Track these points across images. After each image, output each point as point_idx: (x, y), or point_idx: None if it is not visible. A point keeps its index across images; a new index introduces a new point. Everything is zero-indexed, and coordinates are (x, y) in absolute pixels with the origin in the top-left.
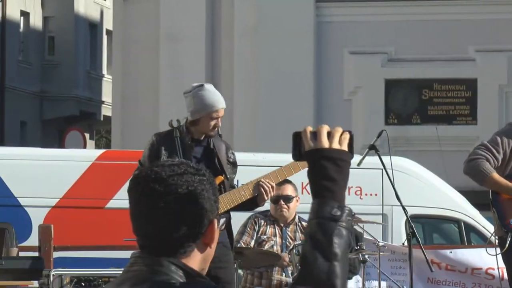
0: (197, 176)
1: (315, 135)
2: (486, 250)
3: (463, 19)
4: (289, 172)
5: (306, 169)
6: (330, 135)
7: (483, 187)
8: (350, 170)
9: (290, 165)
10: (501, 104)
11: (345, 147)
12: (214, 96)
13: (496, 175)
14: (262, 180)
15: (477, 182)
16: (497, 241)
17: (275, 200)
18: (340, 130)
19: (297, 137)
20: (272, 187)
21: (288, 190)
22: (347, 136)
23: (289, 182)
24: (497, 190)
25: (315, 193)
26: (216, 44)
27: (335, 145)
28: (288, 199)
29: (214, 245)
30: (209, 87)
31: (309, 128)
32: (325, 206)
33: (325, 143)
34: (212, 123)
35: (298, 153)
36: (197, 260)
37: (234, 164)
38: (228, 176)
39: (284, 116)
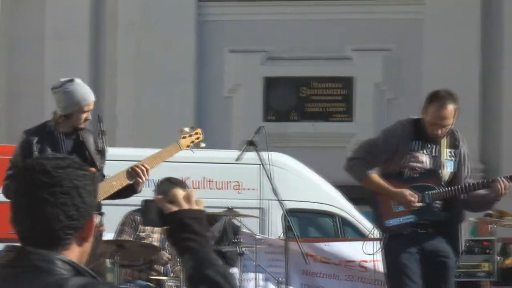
0: (80, 171)
1: (170, 200)
2: (363, 247)
3: (340, 19)
4: (163, 157)
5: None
6: (185, 198)
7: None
8: (230, 165)
9: (165, 151)
10: (376, 102)
11: (201, 208)
12: (84, 90)
13: (373, 176)
14: (134, 165)
15: (356, 181)
16: (376, 235)
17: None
18: (193, 193)
19: (149, 204)
20: (146, 169)
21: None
22: (201, 200)
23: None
24: (374, 189)
25: (185, 248)
26: (100, 41)
27: (195, 207)
28: None
29: (90, 240)
30: (78, 81)
31: (159, 197)
32: (208, 253)
33: (185, 205)
34: (83, 116)
35: (154, 218)
36: (75, 254)
37: (102, 153)
38: (99, 167)
39: (165, 112)
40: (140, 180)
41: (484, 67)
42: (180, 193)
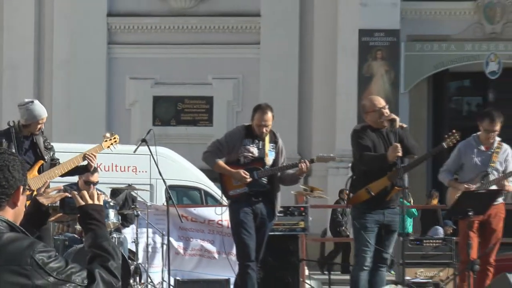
0: (11, 156)
1: (79, 196)
2: (216, 210)
3: (204, 57)
4: (100, 149)
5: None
6: (90, 196)
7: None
8: (130, 155)
9: (93, 149)
10: (228, 113)
11: (101, 203)
12: (41, 109)
13: (220, 163)
14: (87, 152)
15: (209, 166)
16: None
17: (87, 183)
18: (96, 192)
19: (64, 200)
20: (94, 156)
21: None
22: (101, 196)
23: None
24: (221, 172)
25: (88, 229)
26: (41, 72)
27: (96, 202)
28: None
29: (21, 206)
30: (36, 102)
31: (75, 193)
32: (104, 233)
33: (90, 201)
34: (39, 126)
35: (68, 210)
36: (10, 214)
37: (51, 149)
38: (46, 160)
39: (87, 120)
40: (92, 164)
41: (300, 89)
42: (86, 192)
